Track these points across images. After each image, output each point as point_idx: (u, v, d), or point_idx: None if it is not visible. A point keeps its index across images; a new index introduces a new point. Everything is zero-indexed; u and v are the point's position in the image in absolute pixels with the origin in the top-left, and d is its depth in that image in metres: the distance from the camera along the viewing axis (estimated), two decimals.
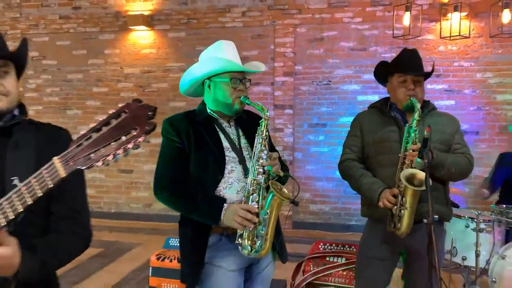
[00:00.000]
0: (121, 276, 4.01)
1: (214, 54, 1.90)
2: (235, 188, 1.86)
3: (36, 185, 1.01)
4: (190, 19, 5.74)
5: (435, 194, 2.17)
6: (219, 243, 1.85)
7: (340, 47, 5.39)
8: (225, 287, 1.83)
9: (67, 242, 1.24)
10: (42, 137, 1.28)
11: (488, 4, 4.78)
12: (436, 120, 2.28)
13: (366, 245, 2.29)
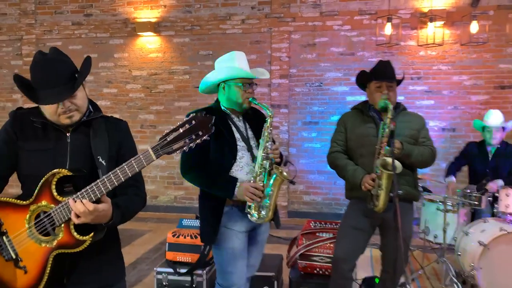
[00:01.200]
0: (136, 256, 4.51)
1: (230, 62, 2.41)
2: (245, 171, 2.38)
3: (135, 164, 1.52)
4: (193, 26, 6.23)
5: (406, 178, 2.71)
6: (231, 211, 2.37)
7: (330, 52, 5.90)
8: (235, 243, 2.38)
9: (134, 201, 1.74)
10: (110, 126, 1.77)
11: (461, 14, 5.33)
12: (406, 118, 2.82)
13: (347, 217, 2.82)
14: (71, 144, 1.68)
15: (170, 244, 3.52)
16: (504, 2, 5.36)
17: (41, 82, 1.60)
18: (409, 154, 2.62)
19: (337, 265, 2.75)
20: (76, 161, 1.66)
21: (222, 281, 2.44)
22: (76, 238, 1.56)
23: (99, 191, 1.52)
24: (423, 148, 2.71)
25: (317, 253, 3.27)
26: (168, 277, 3.41)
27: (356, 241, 2.74)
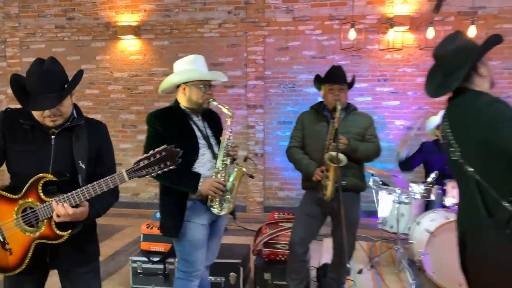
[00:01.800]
0: (115, 249, 4.76)
1: (190, 65, 2.60)
2: (207, 167, 2.58)
3: (111, 182, 1.81)
4: (172, 30, 6.48)
5: (353, 171, 3.02)
6: (194, 206, 2.58)
7: (303, 55, 6.21)
8: (198, 236, 2.57)
9: (108, 199, 1.99)
10: (91, 129, 2.00)
11: (424, 20, 5.68)
12: (355, 117, 3.13)
13: (302, 206, 3.12)
14: (54, 147, 1.92)
15: (144, 235, 3.78)
16: (464, 9, 5.72)
17: (34, 88, 1.84)
18: (355, 149, 2.92)
19: (293, 248, 3.05)
20: (59, 163, 1.90)
21: (185, 268, 2.61)
22: (56, 233, 1.84)
23: (78, 199, 1.80)
24: (368, 144, 3.02)
25: (279, 241, 3.56)
26: (143, 265, 3.67)
27: (309, 227, 3.04)
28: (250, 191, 6.45)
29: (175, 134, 2.52)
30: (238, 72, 6.37)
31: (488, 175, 1.84)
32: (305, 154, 3.10)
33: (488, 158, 1.83)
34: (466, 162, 1.93)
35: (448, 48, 1.99)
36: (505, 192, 1.77)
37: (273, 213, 3.92)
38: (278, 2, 6.20)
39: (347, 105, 3.15)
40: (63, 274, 2.05)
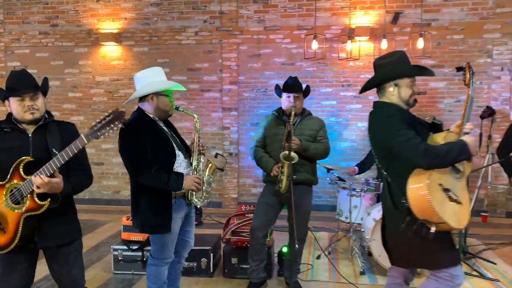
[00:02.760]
0: (98, 241, 5.15)
1: (156, 77, 2.90)
2: (183, 166, 2.92)
3: (74, 146, 2.18)
4: (151, 37, 6.89)
5: (305, 167, 3.51)
6: (178, 203, 2.88)
7: (273, 62, 6.69)
8: (176, 228, 2.91)
9: (81, 178, 2.41)
10: (61, 128, 2.44)
11: (383, 31, 6.22)
12: (309, 121, 3.62)
13: (262, 196, 3.61)
14: (32, 142, 2.34)
15: (124, 226, 4.21)
16: (419, 21, 6.29)
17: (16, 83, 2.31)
18: (306, 148, 3.42)
19: (254, 232, 3.53)
20: (37, 154, 2.31)
21: (159, 255, 2.93)
22: (38, 203, 2.22)
23: (51, 168, 2.18)
24: (318, 145, 3.51)
25: (245, 230, 4.02)
26: (123, 253, 4.10)
27: (268, 214, 3.53)
28: (225, 188, 6.91)
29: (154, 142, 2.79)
30: (214, 77, 6.82)
31: (392, 175, 2.36)
32: (265, 153, 3.58)
33: (390, 160, 2.36)
34: (379, 163, 2.45)
35: (381, 62, 2.50)
36: (404, 190, 2.27)
37: (241, 206, 4.39)
38: (250, 12, 6.67)
39: (302, 111, 3.63)
40: (50, 254, 2.42)
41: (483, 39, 6.22)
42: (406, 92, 2.41)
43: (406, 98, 2.42)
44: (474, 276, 4.00)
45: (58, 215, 2.33)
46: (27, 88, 2.31)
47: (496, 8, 6.16)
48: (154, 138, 2.82)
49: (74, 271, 2.47)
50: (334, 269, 4.18)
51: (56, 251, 2.40)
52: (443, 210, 2.15)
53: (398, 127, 2.25)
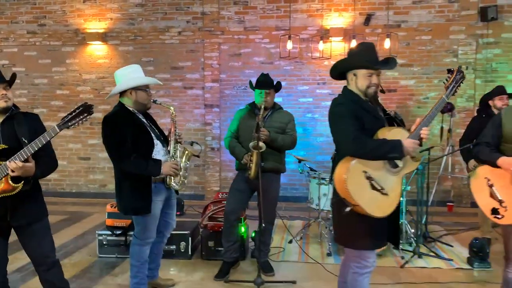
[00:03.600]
0: (84, 230, 5.43)
1: (135, 73, 3.22)
2: (161, 154, 3.23)
3: (47, 135, 2.45)
4: (136, 36, 7.17)
5: (274, 156, 3.84)
6: (157, 187, 3.19)
7: (253, 61, 7.02)
8: (157, 210, 3.22)
9: (49, 164, 2.67)
10: (27, 118, 2.69)
11: (356, 32, 6.59)
12: (279, 115, 3.95)
13: (234, 182, 3.95)
14: (1, 132, 2.58)
15: (109, 213, 4.50)
16: (389, 22, 6.67)
17: None
18: (274, 140, 3.75)
19: (226, 216, 3.87)
20: (7, 142, 2.56)
21: (142, 235, 3.23)
22: (12, 185, 2.49)
23: (25, 154, 2.45)
24: (286, 136, 3.85)
25: (221, 216, 4.34)
26: (107, 238, 4.40)
27: (239, 199, 3.87)
28: (208, 181, 7.22)
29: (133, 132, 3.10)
30: (196, 75, 7.13)
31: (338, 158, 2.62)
32: (238, 143, 3.91)
33: (336, 145, 2.66)
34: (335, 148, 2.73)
35: (350, 51, 2.75)
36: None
37: (218, 194, 4.71)
38: (231, 13, 6.99)
39: (273, 105, 3.96)
40: (21, 232, 2.68)
41: (449, 40, 6.62)
42: (362, 83, 2.55)
43: (363, 89, 2.56)
44: (431, 256, 4.38)
45: (27, 196, 2.59)
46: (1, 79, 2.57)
47: (461, 11, 6.57)
48: (134, 129, 3.12)
49: (43, 245, 2.72)
50: (303, 251, 4.52)
51: (26, 229, 2.67)
52: (359, 194, 2.38)
53: (341, 115, 2.51)
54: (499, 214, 2.63)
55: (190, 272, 4.03)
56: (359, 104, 2.57)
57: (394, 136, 2.46)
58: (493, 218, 2.66)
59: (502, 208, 2.62)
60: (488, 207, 2.68)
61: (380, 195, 2.45)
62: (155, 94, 7.08)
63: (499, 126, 2.73)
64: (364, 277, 2.60)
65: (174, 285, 3.70)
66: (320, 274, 3.94)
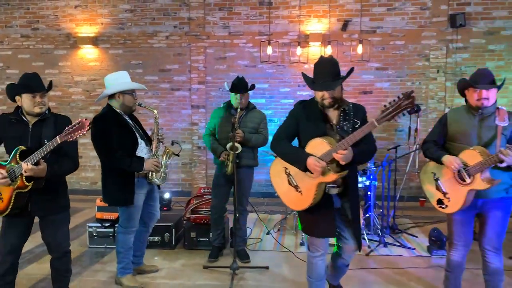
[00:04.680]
0: (76, 224, 5.77)
1: (122, 79, 3.59)
2: (144, 152, 3.61)
3: (54, 143, 2.75)
4: (126, 40, 7.51)
5: (248, 154, 4.21)
6: (139, 181, 3.57)
7: (237, 64, 7.39)
8: (140, 202, 3.60)
9: (64, 164, 2.96)
10: (58, 120, 3.00)
11: (334, 37, 6.98)
12: (253, 115, 4.32)
13: (215, 178, 4.32)
14: (31, 132, 2.91)
15: (98, 207, 4.85)
16: (366, 28, 7.07)
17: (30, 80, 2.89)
18: (249, 140, 4.12)
19: (214, 209, 4.33)
20: (33, 143, 2.88)
21: (126, 224, 3.60)
22: (25, 183, 2.82)
23: (36, 157, 2.76)
24: (259, 136, 4.23)
25: (202, 209, 4.72)
26: (97, 229, 4.75)
27: (222, 193, 4.27)
28: (194, 179, 7.58)
29: (119, 131, 3.47)
30: (183, 77, 7.48)
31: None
32: (215, 140, 4.27)
33: None
34: None
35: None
36: None
37: (200, 189, 5.08)
38: (216, 19, 7.35)
39: (248, 105, 4.32)
40: (41, 220, 3.02)
41: (421, 45, 7.03)
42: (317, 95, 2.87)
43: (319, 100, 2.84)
44: (395, 245, 4.77)
45: (48, 190, 2.92)
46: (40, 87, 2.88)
47: (432, 18, 6.98)
48: (120, 129, 3.49)
49: (58, 236, 3.05)
50: (278, 242, 4.90)
51: (46, 219, 3.00)
52: (279, 186, 2.89)
53: (287, 115, 2.99)
54: (443, 204, 3.00)
55: (173, 260, 4.39)
56: (307, 109, 2.91)
57: (314, 146, 2.71)
58: (439, 208, 3.04)
59: (446, 199, 2.99)
60: (435, 198, 3.06)
61: (295, 191, 2.82)
62: (144, 95, 7.46)
63: (445, 126, 3.06)
64: (317, 260, 2.97)
65: (158, 271, 4.06)
66: (291, 261, 4.32)
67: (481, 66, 6.89)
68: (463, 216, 3.00)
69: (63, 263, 3.12)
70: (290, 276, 3.95)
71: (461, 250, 3.09)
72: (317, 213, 2.82)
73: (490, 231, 2.96)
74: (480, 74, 2.89)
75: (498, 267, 3.00)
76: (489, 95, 2.82)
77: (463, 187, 2.84)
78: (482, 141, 2.86)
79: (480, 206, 2.95)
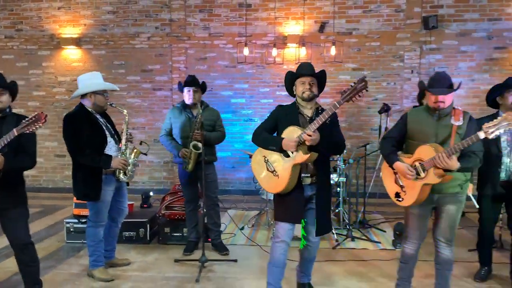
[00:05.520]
0: (55, 221, 5.91)
1: (95, 79, 3.76)
2: (113, 150, 3.77)
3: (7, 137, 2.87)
4: (109, 41, 7.65)
5: (207, 151, 4.35)
6: (107, 178, 3.74)
7: (218, 65, 7.55)
8: (108, 197, 3.78)
9: (20, 159, 3.08)
10: (19, 119, 3.18)
11: (311, 39, 7.17)
12: (208, 113, 4.45)
13: (181, 176, 4.47)
14: None
15: (76, 204, 4.99)
16: (342, 30, 7.26)
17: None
18: (209, 138, 4.29)
19: (187, 204, 4.52)
20: None
21: (95, 219, 3.76)
22: None
23: None
24: (217, 133, 4.42)
25: (176, 205, 4.88)
26: (74, 225, 4.90)
27: (190, 188, 4.44)
28: (176, 177, 7.69)
29: (89, 129, 3.64)
30: (165, 77, 7.64)
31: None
32: (172, 139, 4.43)
33: None
34: None
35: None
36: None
37: (175, 186, 5.24)
38: (197, 20, 7.52)
39: (201, 103, 4.43)
40: (2, 215, 3.11)
41: (396, 46, 7.23)
42: (298, 90, 3.18)
43: (299, 94, 3.16)
44: (362, 239, 4.96)
45: (5, 185, 3.03)
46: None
47: (406, 20, 7.19)
48: (90, 127, 3.66)
49: (17, 230, 3.17)
50: (247, 237, 5.08)
51: (4, 213, 3.12)
52: (258, 172, 3.24)
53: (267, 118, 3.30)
54: (400, 197, 3.14)
55: (147, 254, 4.55)
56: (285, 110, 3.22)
57: (288, 132, 3.07)
58: (396, 201, 3.18)
59: (402, 192, 3.13)
60: (393, 191, 3.20)
61: (273, 176, 3.12)
62: (127, 95, 7.61)
63: (405, 124, 3.19)
64: (276, 246, 3.20)
65: (130, 264, 4.22)
66: (260, 254, 4.50)
67: (453, 66, 7.13)
68: (420, 210, 3.15)
69: (26, 255, 3.24)
70: (256, 268, 4.12)
71: (415, 244, 3.25)
72: (289, 200, 3.13)
73: (443, 224, 3.13)
74: (437, 79, 3.03)
75: (448, 258, 3.17)
76: (445, 99, 2.95)
77: (418, 181, 2.98)
78: (439, 139, 3.00)
79: (436, 200, 3.11)
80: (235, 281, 3.84)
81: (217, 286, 3.74)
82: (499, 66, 7.08)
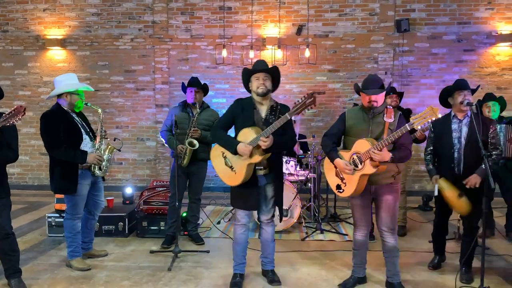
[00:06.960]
0: (40, 216, 6.12)
1: (70, 80, 3.98)
2: (88, 147, 3.99)
3: None
4: (93, 42, 7.86)
5: (202, 149, 4.60)
6: (83, 173, 3.98)
7: (199, 65, 7.80)
8: (84, 191, 3.99)
9: (8, 153, 3.36)
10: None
11: (289, 41, 7.43)
12: (207, 113, 4.73)
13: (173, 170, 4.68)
14: None
15: (57, 199, 5.21)
16: (319, 32, 7.54)
17: None
18: (205, 137, 4.54)
19: (171, 199, 4.70)
20: None
21: (72, 211, 3.97)
22: None
23: None
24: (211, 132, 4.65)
25: (154, 200, 5.12)
26: (55, 219, 5.12)
27: (179, 183, 4.63)
28: (159, 174, 7.95)
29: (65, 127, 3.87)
30: (148, 78, 7.87)
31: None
32: (172, 136, 4.66)
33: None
34: None
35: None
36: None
37: (153, 182, 5.48)
38: (179, 22, 7.76)
39: (202, 103, 4.72)
40: None
41: (370, 48, 7.53)
42: (253, 86, 3.46)
43: (254, 90, 3.44)
44: (331, 232, 5.24)
45: None
46: None
47: (380, 23, 7.48)
48: (66, 125, 3.89)
49: (0, 219, 3.39)
50: (227, 230, 5.33)
51: None
52: (217, 166, 3.55)
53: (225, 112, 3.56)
54: (341, 188, 3.46)
55: (124, 246, 4.79)
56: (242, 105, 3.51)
57: (243, 135, 3.40)
58: (337, 192, 3.49)
59: (343, 184, 3.45)
60: (334, 184, 3.51)
61: (230, 171, 3.43)
62: (111, 95, 7.82)
63: (343, 122, 3.50)
64: (236, 227, 3.65)
65: (107, 255, 4.46)
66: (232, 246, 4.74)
67: (425, 68, 7.44)
68: (361, 201, 3.48)
69: (7, 244, 3.47)
70: (227, 258, 4.36)
71: (363, 230, 3.56)
72: (245, 189, 3.49)
73: (384, 214, 3.43)
74: (370, 81, 3.39)
75: (393, 245, 3.46)
76: (377, 99, 3.31)
77: (356, 173, 3.29)
78: (373, 134, 3.33)
79: (374, 192, 3.42)
80: (205, 270, 4.10)
81: (187, 274, 3.99)
82: (468, 68, 7.41)
